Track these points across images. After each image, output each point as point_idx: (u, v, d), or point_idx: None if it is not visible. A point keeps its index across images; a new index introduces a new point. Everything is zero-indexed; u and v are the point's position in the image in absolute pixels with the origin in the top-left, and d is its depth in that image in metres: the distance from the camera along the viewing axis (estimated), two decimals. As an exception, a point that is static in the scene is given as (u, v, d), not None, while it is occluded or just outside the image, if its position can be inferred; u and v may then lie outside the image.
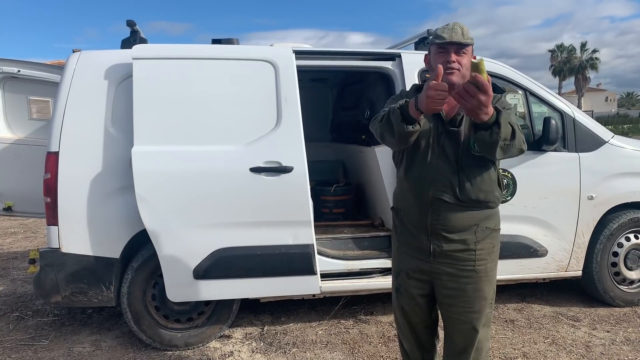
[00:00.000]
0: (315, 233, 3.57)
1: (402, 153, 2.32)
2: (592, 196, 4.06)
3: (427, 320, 2.46)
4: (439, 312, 2.42)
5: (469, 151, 2.18)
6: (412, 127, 2.06)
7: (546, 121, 3.85)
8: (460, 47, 2.15)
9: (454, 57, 2.15)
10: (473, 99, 1.89)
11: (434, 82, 1.92)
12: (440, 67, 1.97)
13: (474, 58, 2.16)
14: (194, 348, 3.62)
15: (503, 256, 2.41)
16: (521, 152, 2.13)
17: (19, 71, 4.35)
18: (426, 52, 2.32)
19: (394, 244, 2.46)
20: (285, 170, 3.42)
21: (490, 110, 1.96)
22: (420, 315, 2.43)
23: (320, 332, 3.87)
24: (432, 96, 1.92)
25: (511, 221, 3.81)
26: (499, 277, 2.38)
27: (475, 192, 2.19)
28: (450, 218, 2.21)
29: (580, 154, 4.05)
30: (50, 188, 3.35)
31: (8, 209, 4.51)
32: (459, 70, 2.16)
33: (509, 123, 2.02)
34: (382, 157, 4.09)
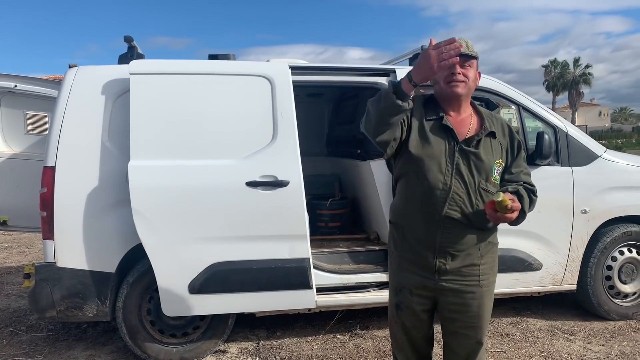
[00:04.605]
0: (311, 247, 3.58)
1: (406, 165, 2.23)
2: (585, 210, 4.08)
3: (427, 334, 2.44)
4: (441, 325, 2.40)
5: (488, 178, 2.19)
6: (401, 102, 1.98)
7: (539, 136, 3.89)
8: (465, 59, 2.14)
9: (459, 69, 2.15)
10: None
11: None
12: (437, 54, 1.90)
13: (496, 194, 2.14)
14: (189, 363, 3.60)
15: (499, 270, 2.42)
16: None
17: (15, 86, 4.36)
18: None
19: (393, 260, 2.37)
20: (281, 184, 3.44)
21: (516, 214, 2.13)
22: (421, 330, 2.39)
23: (316, 346, 3.86)
24: (442, 57, 1.89)
25: (506, 235, 3.79)
26: (494, 291, 2.39)
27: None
28: (460, 236, 2.19)
29: (573, 168, 4.09)
30: (47, 202, 3.36)
31: (3, 224, 4.50)
32: (464, 82, 2.17)
33: (529, 201, 2.27)
34: (378, 171, 4.11)
